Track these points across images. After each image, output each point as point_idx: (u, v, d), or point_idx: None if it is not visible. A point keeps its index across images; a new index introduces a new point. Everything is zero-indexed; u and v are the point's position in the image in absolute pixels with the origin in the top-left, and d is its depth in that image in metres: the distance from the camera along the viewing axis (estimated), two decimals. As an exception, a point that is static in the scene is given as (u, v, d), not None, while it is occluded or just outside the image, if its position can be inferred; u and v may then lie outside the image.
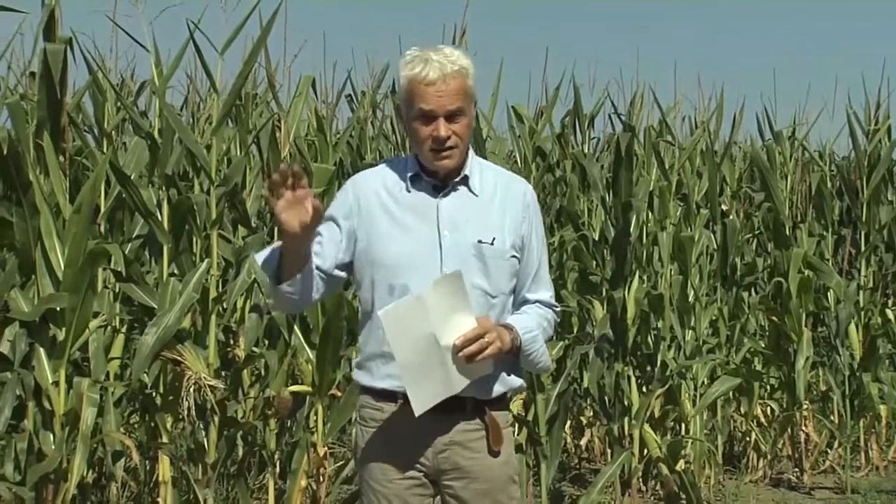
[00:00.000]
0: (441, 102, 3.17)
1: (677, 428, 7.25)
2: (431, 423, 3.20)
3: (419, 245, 3.23)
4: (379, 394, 3.28)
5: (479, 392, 3.23)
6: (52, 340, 4.83)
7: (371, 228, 3.27)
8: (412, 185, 3.29)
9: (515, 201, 3.35)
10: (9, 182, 4.84)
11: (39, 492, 4.75)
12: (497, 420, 3.28)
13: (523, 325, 3.29)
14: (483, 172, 3.35)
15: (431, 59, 3.18)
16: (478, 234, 3.26)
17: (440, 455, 3.25)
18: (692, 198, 7.58)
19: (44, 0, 4.75)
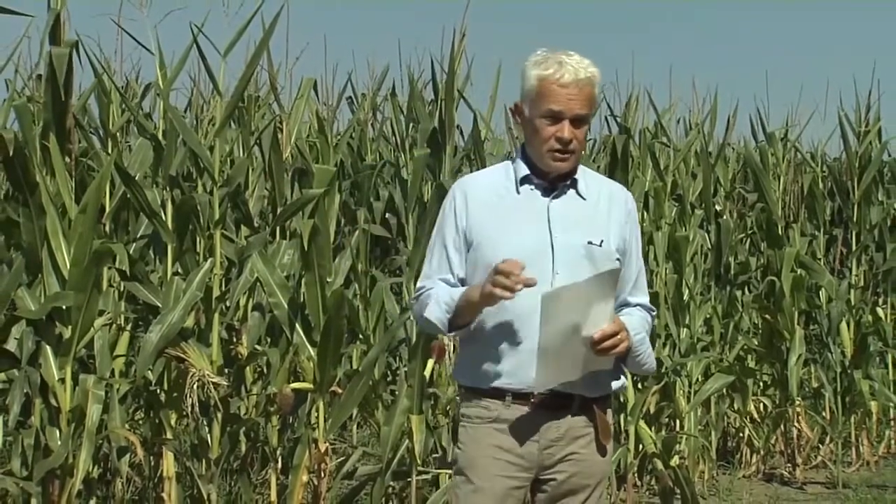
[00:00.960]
0: (571, 105, 3.20)
1: (672, 424, 7.26)
2: (539, 419, 3.23)
3: (531, 245, 3.22)
4: (487, 393, 3.26)
5: (587, 390, 3.25)
6: (59, 338, 4.82)
7: (481, 230, 3.29)
8: (522, 186, 3.31)
9: (619, 207, 3.37)
10: (16, 183, 4.84)
11: (46, 487, 4.75)
12: (604, 414, 3.31)
13: (632, 326, 3.27)
14: (588, 178, 3.38)
15: (566, 62, 3.21)
16: (587, 236, 3.26)
17: (546, 451, 3.25)
18: (687, 198, 7.58)
19: (49, 4, 4.74)
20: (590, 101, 3.25)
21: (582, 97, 3.21)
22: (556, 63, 3.21)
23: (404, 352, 6.53)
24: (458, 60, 6.39)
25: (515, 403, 3.23)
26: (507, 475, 3.26)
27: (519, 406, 3.24)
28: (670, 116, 7.90)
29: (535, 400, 3.23)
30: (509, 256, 3.15)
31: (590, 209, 3.32)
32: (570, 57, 3.24)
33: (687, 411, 7.12)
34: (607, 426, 3.31)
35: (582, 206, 3.32)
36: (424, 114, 6.83)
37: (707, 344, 7.63)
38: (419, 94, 7.05)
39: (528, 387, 3.21)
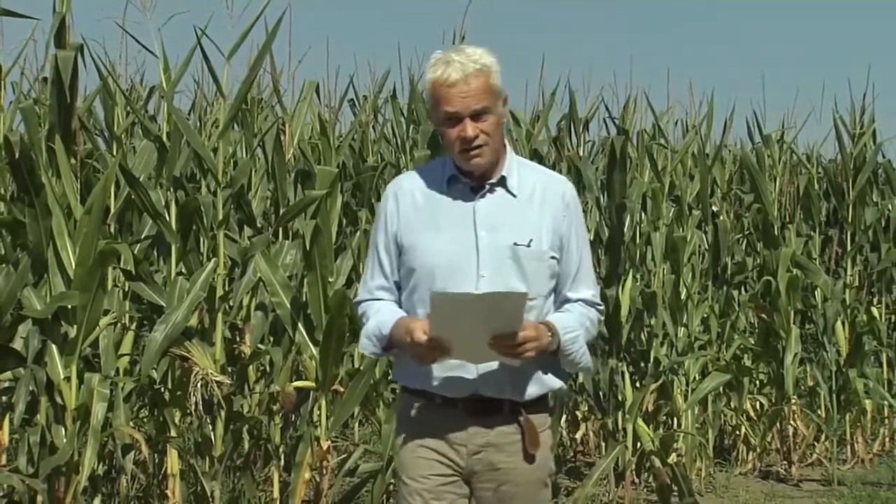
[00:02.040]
0: (465, 103, 3.08)
1: (669, 422, 7.25)
2: (467, 425, 3.14)
3: (456, 247, 3.13)
4: (418, 394, 3.20)
5: (515, 394, 3.14)
6: (64, 337, 4.81)
7: (409, 234, 3.19)
8: (449, 186, 3.20)
9: (555, 201, 3.22)
10: (22, 184, 4.83)
11: (51, 484, 4.74)
12: (534, 423, 3.16)
13: (564, 324, 3.17)
14: (522, 172, 3.24)
15: (453, 60, 3.10)
16: (514, 236, 3.14)
17: (475, 456, 3.16)
18: (684, 199, 7.58)
19: (55, 7, 4.74)
20: (485, 92, 3.10)
21: (474, 91, 3.08)
22: (443, 64, 3.11)
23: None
24: (459, 63, 6.37)
25: (445, 407, 3.15)
26: (438, 474, 3.17)
27: (448, 410, 3.14)
28: (668, 118, 7.90)
29: (462, 406, 3.14)
30: (435, 260, 3.12)
31: (520, 207, 3.19)
32: (460, 52, 3.13)
33: (684, 409, 7.11)
34: (535, 434, 3.16)
35: (511, 204, 3.19)
36: (425, 115, 6.83)
37: (704, 343, 7.62)
38: (420, 96, 7.05)
39: (455, 392, 3.12)
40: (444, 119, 3.13)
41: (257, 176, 6.51)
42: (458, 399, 3.13)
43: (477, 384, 3.12)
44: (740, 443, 8.11)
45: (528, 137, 7.22)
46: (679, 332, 7.19)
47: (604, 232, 7.10)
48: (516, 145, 7.34)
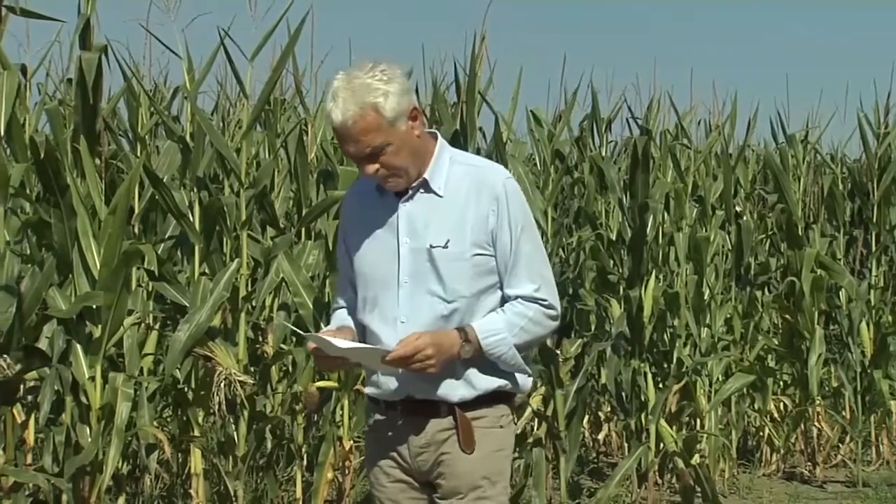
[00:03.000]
0: (355, 149, 2.96)
1: (692, 423, 7.23)
2: (408, 426, 3.09)
3: (381, 254, 3.08)
4: (370, 400, 3.20)
5: (445, 395, 3.06)
6: (89, 337, 4.84)
7: (349, 240, 3.18)
8: (380, 192, 3.10)
9: (483, 194, 3.04)
10: (47, 184, 4.86)
11: (76, 483, 4.77)
12: (468, 419, 3.06)
13: (487, 327, 3.03)
14: (452, 169, 3.08)
15: (338, 96, 2.93)
16: (432, 239, 3.03)
17: (418, 458, 3.10)
18: (707, 199, 7.55)
19: (80, 9, 4.76)
20: (373, 132, 2.93)
21: (358, 135, 2.92)
22: (332, 98, 2.95)
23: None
24: (479, 63, 6.38)
25: (388, 411, 3.12)
26: (395, 480, 3.15)
27: (390, 413, 3.11)
28: (691, 118, 7.88)
29: (401, 409, 3.09)
30: (364, 267, 3.09)
31: (444, 206, 3.05)
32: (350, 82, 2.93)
33: (707, 410, 7.09)
34: (469, 429, 3.06)
35: (435, 205, 3.05)
36: (447, 116, 6.83)
37: (728, 343, 7.60)
38: (442, 97, 7.04)
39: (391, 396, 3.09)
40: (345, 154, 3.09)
41: (280, 176, 6.52)
42: (396, 402, 3.10)
43: (408, 387, 3.07)
44: (764, 444, 8.07)
45: (550, 138, 7.19)
46: (702, 333, 7.17)
47: (626, 232, 7.08)
48: (538, 145, 7.33)
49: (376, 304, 3.08)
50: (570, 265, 7.63)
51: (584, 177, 7.77)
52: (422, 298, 3.03)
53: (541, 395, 6.47)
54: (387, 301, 3.06)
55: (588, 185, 7.59)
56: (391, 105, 2.94)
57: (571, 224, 7.94)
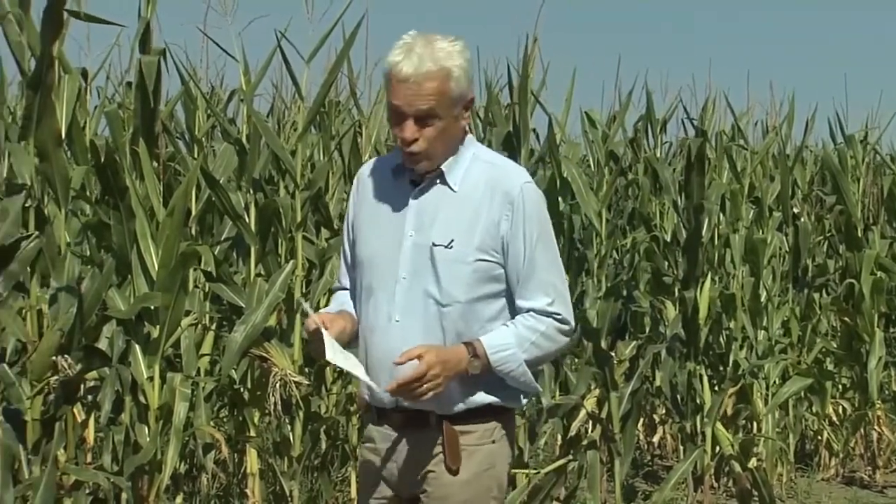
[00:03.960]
0: (410, 101, 2.81)
1: (749, 426, 7.17)
2: (398, 437, 2.95)
3: (385, 245, 2.91)
4: (366, 409, 3.07)
5: (437, 406, 2.88)
6: (147, 337, 4.89)
7: (357, 224, 3.01)
8: (395, 177, 2.95)
9: (497, 198, 2.88)
10: (107, 187, 4.93)
11: (135, 482, 4.82)
12: (456, 435, 2.89)
13: (496, 342, 2.87)
14: (473, 166, 2.92)
15: (413, 51, 2.80)
16: (436, 237, 2.87)
17: (405, 472, 2.95)
18: (764, 201, 7.49)
19: (139, 12, 4.83)
20: (437, 96, 2.80)
21: (424, 92, 2.79)
22: (405, 52, 2.81)
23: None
24: (532, 64, 6.38)
25: (379, 420, 2.98)
26: (381, 497, 2.99)
27: (381, 423, 2.97)
28: (747, 119, 7.81)
29: (392, 417, 2.94)
30: (366, 255, 2.94)
31: (456, 203, 2.89)
32: (428, 45, 2.82)
33: (764, 414, 7.03)
34: (456, 446, 2.89)
35: (450, 201, 2.89)
36: (500, 117, 6.84)
37: (785, 346, 7.53)
38: (495, 98, 7.06)
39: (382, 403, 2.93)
40: (389, 109, 2.88)
41: (335, 178, 6.56)
42: (387, 411, 2.95)
43: (396, 398, 2.89)
44: (822, 448, 7.98)
45: (605, 139, 7.17)
46: (759, 336, 7.11)
47: (681, 233, 7.04)
48: (592, 146, 7.31)
49: (371, 294, 2.92)
50: (623, 267, 7.60)
51: (638, 178, 7.74)
52: (417, 298, 2.87)
53: (595, 398, 6.45)
54: (383, 295, 2.90)
55: (642, 187, 7.56)
56: (461, 83, 2.85)
57: (625, 225, 7.91)
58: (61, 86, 4.69)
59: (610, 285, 6.70)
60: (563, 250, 6.52)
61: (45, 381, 4.42)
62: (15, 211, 4.32)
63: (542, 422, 6.34)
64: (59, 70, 4.58)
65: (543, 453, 7.30)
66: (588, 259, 6.75)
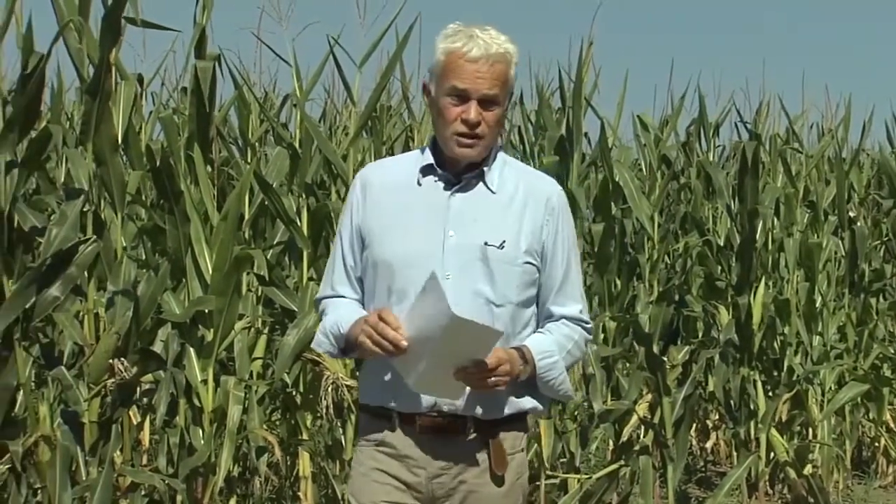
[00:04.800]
0: (479, 84, 2.78)
1: (804, 432, 7.09)
2: (428, 443, 2.84)
3: (421, 244, 2.82)
4: (375, 412, 2.90)
5: (480, 410, 2.83)
6: (201, 341, 4.94)
7: (373, 227, 2.89)
8: (424, 177, 2.88)
9: (538, 203, 2.89)
10: (162, 191, 4.98)
11: (190, 484, 4.87)
12: (501, 442, 2.87)
13: (541, 348, 2.86)
14: (505, 169, 2.91)
15: (477, 36, 2.79)
16: (486, 236, 2.82)
17: (435, 480, 2.85)
18: (819, 204, 7.41)
19: (195, 19, 4.88)
20: (501, 80, 2.81)
21: (492, 75, 2.79)
22: (466, 37, 2.79)
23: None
24: (586, 69, 6.37)
25: (403, 425, 2.84)
26: (395, 501, 2.86)
27: (406, 428, 2.84)
28: (802, 122, 7.73)
29: (421, 422, 2.83)
30: (396, 256, 2.82)
31: (499, 205, 2.86)
32: (485, 31, 2.82)
33: (820, 420, 6.95)
34: (503, 455, 2.85)
35: (489, 201, 2.86)
36: (552, 121, 6.83)
37: (841, 352, 7.43)
38: (547, 102, 7.05)
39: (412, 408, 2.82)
40: (448, 93, 2.81)
41: (386, 182, 6.57)
42: (416, 415, 2.83)
43: (435, 399, 2.82)
44: (880, 455, 7.87)
45: (657, 142, 7.13)
46: (814, 341, 7.03)
47: (734, 238, 6.98)
48: (644, 150, 7.28)
49: (405, 297, 2.79)
50: (676, 271, 7.55)
51: (690, 181, 7.69)
52: (465, 297, 2.78)
53: (647, 403, 6.41)
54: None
55: (695, 191, 7.51)
56: (514, 74, 2.88)
57: (678, 230, 7.86)
58: (118, 92, 4.74)
59: (662, 290, 6.67)
60: (615, 254, 6.51)
61: (101, 383, 4.47)
62: (73, 215, 4.37)
63: (594, 427, 6.32)
64: (116, 76, 4.64)
65: (595, 458, 7.27)
66: (640, 263, 6.73)
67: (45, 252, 4.31)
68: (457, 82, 2.79)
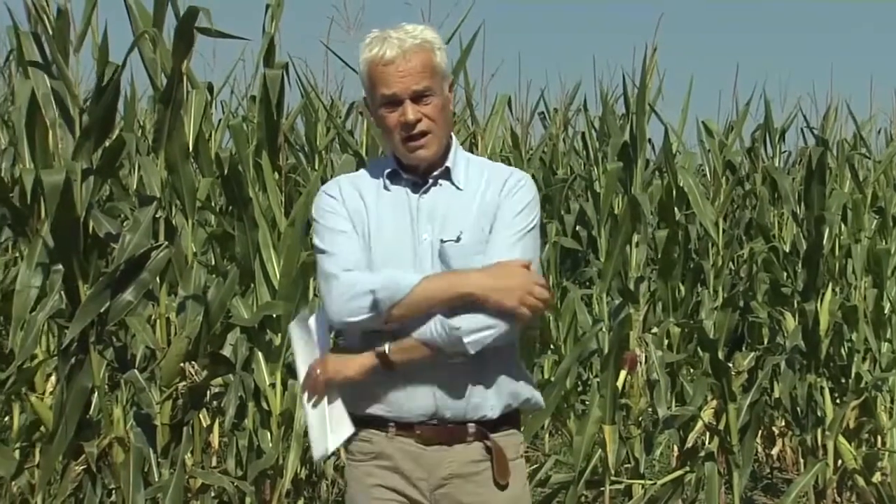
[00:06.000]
0: (404, 83, 2.70)
1: (872, 440, 6.96)
2: (427, 454, 2.75)
3: (397, 250, 2.76)
4: (367, 422, 2.78)
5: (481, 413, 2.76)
6: (269, 345, 4.98)
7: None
8: (391, 183, 2.83)
9: (496, 187, 2.81)
10: (231, 198, 5.04)
11: (258, 486, 4.91)
12: (502, 447, 2.78)
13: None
14: (470, 165, 2.86)
15: (390, 36, 2.73)
16: (446, 233, 2.75)
17: (438, 491, 2.76)
18: (888, 210, 7.28)
19: (264, 28, 4.92)
20: (427, 70, 2.72)
21: (414, 70, 2.70)
22: (380, 41, 2.72)
23: (596, 362, 6.49)
24: (650, 75, 6.32)
25: (399, 435, 2.75)
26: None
27: (403, 438, 2.75)
28: (870, 127, 7.61)
29: (419, 431, 2.74)
30: (378, 264, 2.74)
31: (465, 200, 2.79)
32: (398, 30, 2.75)
33: (889, 427, 6.81)
34: (505, 463, 2.77)
35: (456, 198, 2.80)
36: (616, 128, 6.78)
37: (910, 359, 7.28)
38: (611, 109, 7.01)
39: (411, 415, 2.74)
40: (381, 104, 2.74)
41: (450, 189, 6.59)
42: (413, 424, 2.75)
43: (436, 405, 2.74)
44: (950, 463, 7.70)
45: (721, 148, 7.06)
46: (882, 348, 6.90)
47: (801, 244, 6.89)
48: (708, 156, 7.21)
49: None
50: (740, 277, 7.46)
51: (755, 188, 7.60)
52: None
53: (712, 409, 6.34)
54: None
55: (761, 196, 7.42)
56: (443, 58, 2.79)
57: (742, 236, 7.77)
58: (189, 100, 4.80)
59: (727, 296, 6.59)
60: (679, 260, 6.45)
61: (173, 386, 4.52)
62: (146, 222, 4.43)
63: (658, 432, 6.26)
64: (187, 85, 4.69)
65: (659, 464, 7.20)
66: (704, 269, 6.66)
67: (119, 258, 4.37)
68: (383, 89, 2.73)
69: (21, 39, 4.46)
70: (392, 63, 2.70)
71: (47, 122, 4.39)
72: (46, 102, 4.38)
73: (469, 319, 2.68)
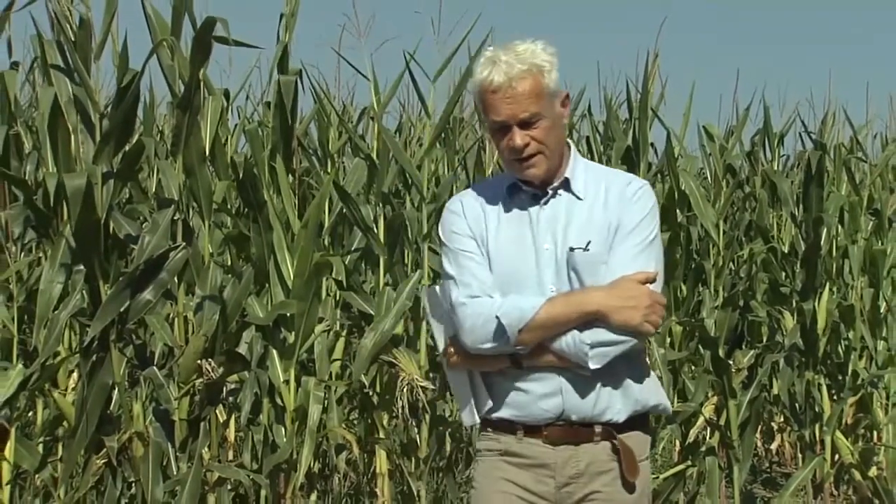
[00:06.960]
0: (511, 111, 2.70)
1: (869, 435, 6.97)
2: (556, 452, 2.76)
3: (520, 262, 2.77)
4: (496, 425, 2.83)
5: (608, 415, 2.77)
6: (283, 343, 5.00)
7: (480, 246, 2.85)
8: (511, 197, 2.84)
9: (614, 195, 2.81)
10: (246, 200, 5.07)
11: (273, 479, 4.94)
12: (631, 447, 2.79)
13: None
14: (588, 173, 2.85)
15: (499, 60, 2.71)
16: (576, 240, 2.75)
17: (564, 489, 2.77)
18: (884, 212, 7.28)
19: (279, 36, 4.95)
20: (534, 96, 2.70)
21: (520, 96, 2.68)
22: (490, 63, 2.71)
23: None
24: (652, 80, 6.35)
25: (528, 437, 2.77)
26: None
27: (531, 440, 2.77)
28: (866, 132, 7.61)
29: (546, 432, 2.76)
30: (500, 277, 2.77)
31: (586, 209, 2.79)
32: (508, 51, 2.72)
33: (885, 423, 6.82)
34: (633, 461, 2.77)
35: (577, 208, 2.80)
36: (619, 132, 6.81)
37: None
38: (615, 114, 7.03)
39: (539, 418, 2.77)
40: (491, 126, 2.78)
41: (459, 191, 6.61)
42: (541, 426, 2.78)
43: (563, 408, 2.76)
44: (945, 458, 7.69)
45: (722, 152, 7.07)
46: (878, 346, 6.90)
47: (799, 245, 6.91)
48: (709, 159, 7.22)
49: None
50: (740, 277, 7.48)
51: (755, 190, 7.61)
52: None
53: (713, 405, 6.35)
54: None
55: (760, 199, 7.43)
56: (554, 78, 2.76)
57: (742, 237, 7.78)
58: (205, 106, 4.82)
59: (727, 295, 6.60)
60: (681, 261, 6.46)
61: (191, 383, 4.54)
62: (164, 223, 4.45)
63: (661, 428, 6.28)
64: (204, 91, 4.72)
65: (662, 459, 7.21)
66: (705, 269, 6.67)
67: (139, 258, 4.39)
68: (493, 116, 2.75)
69: (45, 47, 4.48)
70: (499, 90, 2.70)
71: (69, 127, 4.41)
72: (69, 108, 4.40)
73: (596, 334, 2.72)
